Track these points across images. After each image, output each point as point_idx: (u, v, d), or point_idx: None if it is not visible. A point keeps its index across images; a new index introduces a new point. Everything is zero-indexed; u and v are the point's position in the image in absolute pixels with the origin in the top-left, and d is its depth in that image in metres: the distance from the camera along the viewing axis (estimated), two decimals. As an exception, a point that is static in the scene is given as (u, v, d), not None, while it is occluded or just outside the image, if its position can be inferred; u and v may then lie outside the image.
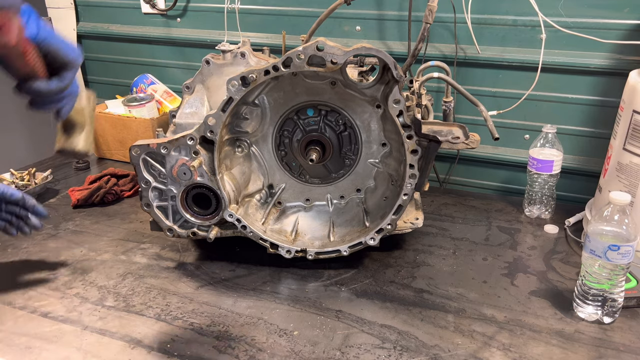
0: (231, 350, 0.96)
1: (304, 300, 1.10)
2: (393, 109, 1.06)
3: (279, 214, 1.28)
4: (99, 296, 1.12)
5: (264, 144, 1.25)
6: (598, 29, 1.38)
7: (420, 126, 1.07)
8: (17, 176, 1.57)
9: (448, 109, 1.41)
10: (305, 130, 1.23)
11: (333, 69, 1.03)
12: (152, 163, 1.14)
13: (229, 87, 1.06)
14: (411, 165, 1.10)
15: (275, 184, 1.29)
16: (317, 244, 1.22)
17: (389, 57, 1.01)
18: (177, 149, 1.12)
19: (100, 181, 1.56)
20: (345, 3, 1.38)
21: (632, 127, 1.16)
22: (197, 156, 1.11)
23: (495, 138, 1.14)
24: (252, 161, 1.26)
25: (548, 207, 1.43)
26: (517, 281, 1.17)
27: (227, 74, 1.16)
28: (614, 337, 0.99)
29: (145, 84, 1.90)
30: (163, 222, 1.19)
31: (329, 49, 1.01)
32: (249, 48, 1.28)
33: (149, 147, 1.12)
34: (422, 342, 0.98)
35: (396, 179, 1.20)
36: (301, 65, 1.03)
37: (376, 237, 1.17)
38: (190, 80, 1.24)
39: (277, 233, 1.24)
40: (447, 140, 1.11)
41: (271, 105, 1.20)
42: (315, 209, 1.29)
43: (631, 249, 0.96)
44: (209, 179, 1.13)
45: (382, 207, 1.22)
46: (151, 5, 1.92)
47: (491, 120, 1.17)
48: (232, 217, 1.16)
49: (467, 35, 1.51)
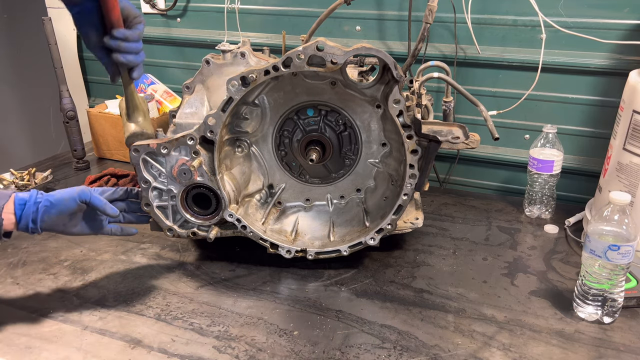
0: (231, 350, 0.96)
1: (304, 300, 1.10)
2: (393, 109, 1.06)
3: (279, 214, 1.28)
4: (99, 296, 1.12)
5: (264, 144, 1.25)
6: (598, 29, 1.38)
7: (420, 126, 1.07)
8: (17, 176, 1.57)
9: (448, 109, 1.41)
10: (305, 130, 1.23)
11: (333, 69, 1.03)
12: (152, 163, 1.14)
13: (229, 87, 1.06)
14: (411, 165, 1.10)
15: (275, 184, 1.29)
16: (317, 244, 1.22)
17: (389, 57, 1.01)
18: (177, 149, 1.12)
19: (100, 181, 1.56)
20: (345, 3, 1.38)
21: (632, 127, 1.16)
22: (197, 156, 1.11)
23: (495, 138, 1.13)
24: (252, 161, 1.26)
25: (548, 207, 1.43)
26: (517, 281, 1.17)
27: (227, 74, 1.16)
28: (614, 337, 0.99)
29: (145, 84, 1.90)
30: (163, 222, 1.18)
31: (329, 49, 1.01)
32: (249, 48, 1.28)
33: (149, 147, 1.12)
34: (422, 342, 0.98)
35: (396, 179, 1.20)
36: (301, 65, 1.03)
37: (376, 237, 1.17)
38: (190, 80, 1.24)
39: (277, 233, 1.24)
40: (447, 140, 1.11)
41: (271, 105, 1.20)
42: (315, 209, 1.29)
43: (631, 249, 0.96)
44: (209, 179, 1.13)
45: (382, 207, 1.22)
46: (151, 5, 1.92)
47: (491, 120, 1.17)
48: (232, 217, 1.16)
49: (467, 35, 1.51)
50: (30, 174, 1.58)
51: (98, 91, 2.20)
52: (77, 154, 1.78)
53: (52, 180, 1.61)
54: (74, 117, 1.74)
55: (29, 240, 1.33)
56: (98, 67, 2.13)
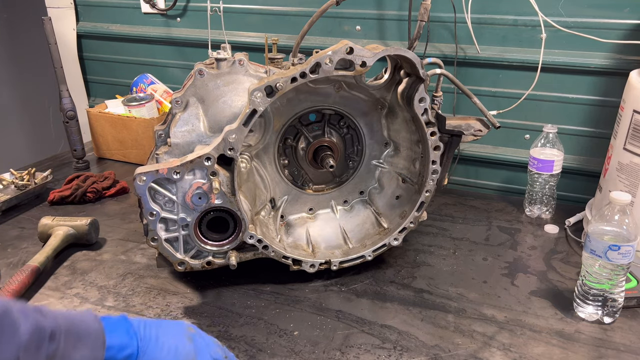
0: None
1: (304, 300, 1.10)
2: (419, 107, 1.06)
3: (286, 227, 1.24)
4: (99, 296, 1.12)
5: (265, 156, 1.19)
6: (598, 28, 1.38)
7: (445, 122, 1.08)
8: (17, 176, 1.57)
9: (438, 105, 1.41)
10: (310, 137, 1.19)
11: (362, 72, 1.01)
12: (160, 191, 1.02)
13: (253, 98, 0.97)
14: (433, 161, 1.10)
15: (278, 197, 1.24)
16: (338, 252, 1.19)
17: (416, 57, 1.02)
18: (191, 172, 1.01)
19: (77, 180, 1.56)
20: (335, 4, 1.37)
21: (633, 127, 1.16)
22: (214, 177, 1.01)
23: (497, 127, 1.15)
24: (255, 175, 1.19)
25: (548, 207, 1.43)
26: (517, 281, 1.16)
27: (225, 84, 1.11)
28: (614, 337, 0.99)
29: (145, 83, 1.90)
30: (173, 255, 1.07)
31: (358, 51, 0.98)
32: (245, 55, 1.22)
33: (157, 173, 0.99)
34: (422, 342, 0.98)
35: (409, 177, 1.19)
36: (329, 70, 0.98)
37: (399, 237, 1.17)
38: (180, 93, 1.11)
39: (294, 248, 1.19)
40: (471, 134, 1.12)
41: (273, 114, 1.14)
42: (320, 218, 1.26)
43: (631, 249, 0.96)
44: (228, 201, 1.03)
45: (395, 206, 1.21)
46: (151, 5, 1.92)
47: (487, 111, 1.17)
48: (252, 239, 1.07)
49: (467, 35, 1.51)
50: (30, 174, 1.58)
51: (98, 91, 2.20)
52: (77, 154, 1.78)
53: (51, 180, 1.60)
54: (73, 117, 1.74)
55: (28, 240, 1.33)
56: (98, 67, 2.15)
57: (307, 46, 1.48)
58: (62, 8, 2.07)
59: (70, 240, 1.28)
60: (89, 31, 2.08)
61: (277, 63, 1.19)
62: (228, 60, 1.12)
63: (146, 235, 1.05)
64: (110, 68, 2.11)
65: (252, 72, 1.14)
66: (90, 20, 2.08)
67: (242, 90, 1.12)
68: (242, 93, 1.12)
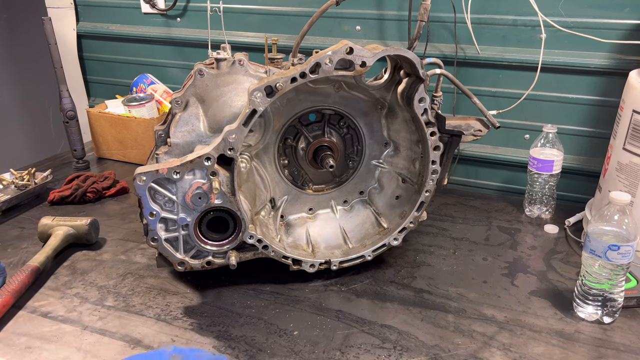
0: (231, 350, 0.96)
1: (304, 300, 1.10)
2: (418, 107, 1.06)
3: (286, 227, 1.24)
4: (99, 296, 1.12)
5: (265, 156, 1.19)
6: (598, 29, 1.38)
7: (445, 122, 1.08)
8: (17, 176, 1.57)
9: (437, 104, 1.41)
10: (310, 137, 1.19)
11: (362, 72, 1.01)
12: (160, 191, 1.03)
13: (252, 98, 0.98)
14: (433, 161, 1.10)
15: (278, 196, 1.24)
16: (338, 252, 1.19)
17: (416, 57, 1.02)
18: (191, 172, 1.02)
19: (77, 180, 1.56)
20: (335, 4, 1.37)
21: (632, 127, 1.16)
22: (214, 177, 1.01)
23: (497, 127, 1.15)
24: (255, 175, 1.19)
25: (548, 207, 1.43)
26: (517, 281, 1.17)
27: (225, 84, 1.11)
28: (614, 337, 0.99)
29: (145, 83, 1.90)
30: (173, 255, 1.07)
31: (358, 51, 0.99)
32: (246, 55, 1.23)
33: (157, 173, 1.00)
34: (422, 342, 0.98)
35: (409, 177, 1.19)
36: (329, 70, 0.98)
37: (399, 237, 1.17)
38: (179, 93, 1.12)
39: (294, 248, 1.19)
40: (471, 134, 1.12)
41: (273, 114, 1.14)
42: (320, 218, 1.26)
43: (631, 249, 0.96)
44: (228, 201, 1.04)
45: (395, 206, 1.21)
46: (151, 5, 1.92)
47: (487, 111, 1.17)
48: (252, 239, 1.08)
49: (467, 35, 1.51)
50: (30, 174, 1.58)
51: (98, 91, 2.20)
52: (77, 154, 1.78)
53: (51, 180, 1.60)
54: (73, 117, 1.74)
55: (28, 240, 1.33)
56: (98, 67, 2.15)
57: (307, 46, 1.48)
58: (62, 8, 2.07)
59: (70, 240, 1.28)
60: (89, 31, 2.08)
61: (277, 63, 1.20)
62: (228, 60, 1.12)
63: (146, 235, 1.05)
64: (110, 68, 2.11)
65: (252, 72, 1.14)
66: (90, 20, 2.08)
67: (242, 90, 1.12)
68: (242, 93, 1.12)
